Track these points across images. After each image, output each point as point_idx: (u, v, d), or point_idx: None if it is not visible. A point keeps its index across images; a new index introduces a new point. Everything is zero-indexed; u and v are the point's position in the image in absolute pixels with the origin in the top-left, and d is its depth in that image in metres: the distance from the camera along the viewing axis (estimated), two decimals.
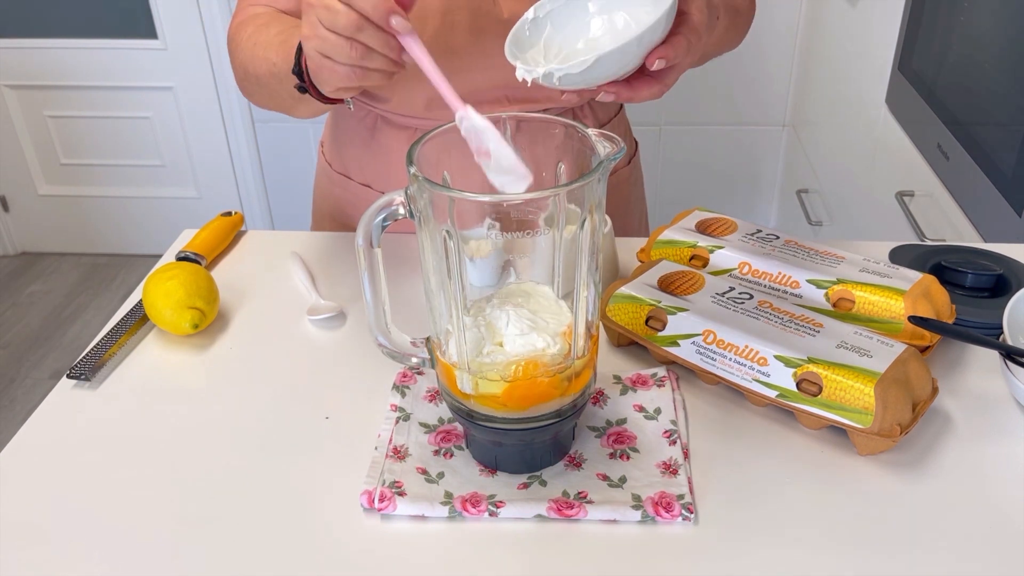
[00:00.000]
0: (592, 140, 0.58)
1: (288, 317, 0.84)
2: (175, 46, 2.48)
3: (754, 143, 2.45)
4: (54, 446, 0.69)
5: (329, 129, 1.08)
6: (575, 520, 0.61)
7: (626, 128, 1.11)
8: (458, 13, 0.88)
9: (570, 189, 0.54)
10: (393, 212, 0.58)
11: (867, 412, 0.63)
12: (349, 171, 1.04)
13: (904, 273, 0.77)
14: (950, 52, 1.28)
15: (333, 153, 1.07)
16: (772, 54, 2.29)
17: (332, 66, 0.66)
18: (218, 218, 0.97)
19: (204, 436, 0.70)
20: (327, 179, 1.08)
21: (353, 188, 1.03)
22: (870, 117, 1.63)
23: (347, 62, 0.65)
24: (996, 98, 1.13)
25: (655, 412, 0.70)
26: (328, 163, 1.08)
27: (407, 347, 0.65)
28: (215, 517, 0.62)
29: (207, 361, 0.79)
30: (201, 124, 2.60)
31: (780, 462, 0.66)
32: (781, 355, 0.67)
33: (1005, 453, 0.66)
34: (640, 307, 0.75)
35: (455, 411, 0.63)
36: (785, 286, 0.78)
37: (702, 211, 0.88)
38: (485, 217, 0.56)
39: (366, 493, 0.62)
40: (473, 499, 0.62)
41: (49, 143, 2.68)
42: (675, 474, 0.64)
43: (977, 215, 1.17)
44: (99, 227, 2.82)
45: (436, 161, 0.60)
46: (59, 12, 2.48)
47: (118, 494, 0.65)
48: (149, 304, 0.80)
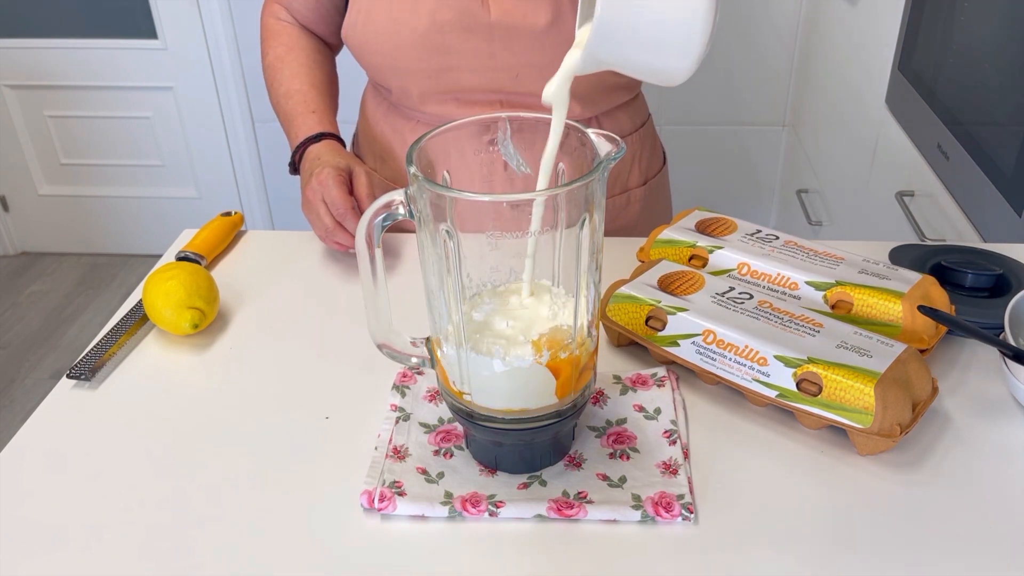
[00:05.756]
0: (592, 140, 0.58)
1: (288, 317, 0.85)
2: (175, 46, 2.48)
3: (754, 143, 2.45)
4: (54, 446, 0.69)
5: (359, 126, 1.12)
6: (575, 520, 0.61)
7: (654, 138, 1.12)
8: (447, 13, 0.89)
9: (570, 189, 0.54)
10: (393, 212, 0.58)
11: (867, 412, 0.63)
12: (376, 166, 1.08)
13: (903, 275, 0.77)
14: (950, 52, 1.28)
15: (365, 148, 1.10)
16: (772, 54, 2.29)
17: (313, 224, 0.92)
18: (218, 218, 0.97)
19: (204, 436, 0.70)
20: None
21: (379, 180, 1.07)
22: (870, 117, 1.63)
23: (322, 234, 0.91)
24: (996, 98, 1.13)
25: (655, 412, 0.70)
26: (360, 157, 1.11)
27: (407, 347, 0.65)
28: (215, 517, 0.62)
29: (207, 361, 0.79)
30: (201, 124, 2.60)
31: (780, 462, 0.66)
32: (781, 355, 0.67)
33: (1005, 453, 0.66)
34: (640, 307, 0.75)
35: (455, 411, 0.63)
36: (784, 287, 0.78)
37: (702, 211, 0.88)
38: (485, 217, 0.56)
39: (366, 493, 0.62)
40: (473, 499, 0.62)
41: (49, 143, 2.68)
42: (675, 474, 0.64)
43: (977, 215, 1.17)
44: (99, 227, 2.82)
45: (436, 161, 0.60)
46: (59, 12, 2.48)
47: (118, 494, 0.65)
48: (149, 304, 0.80)
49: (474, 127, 0.61)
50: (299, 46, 1.04)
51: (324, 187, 0.88)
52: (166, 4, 2.42)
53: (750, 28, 2.26)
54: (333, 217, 0.88)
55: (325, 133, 0.98)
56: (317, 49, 1.06)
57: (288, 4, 1.06)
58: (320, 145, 0.96)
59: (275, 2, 1.07)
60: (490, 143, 0.62)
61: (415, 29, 0.91)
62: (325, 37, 1.08)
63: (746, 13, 2.24)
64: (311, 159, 0.94)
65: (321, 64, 1.05)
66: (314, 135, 0.97)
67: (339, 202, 0.87)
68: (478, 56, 0.92)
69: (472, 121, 0.61)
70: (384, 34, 0.93)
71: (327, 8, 1.04)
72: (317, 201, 0.89)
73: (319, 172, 0.90)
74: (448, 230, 0.55)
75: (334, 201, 0.87)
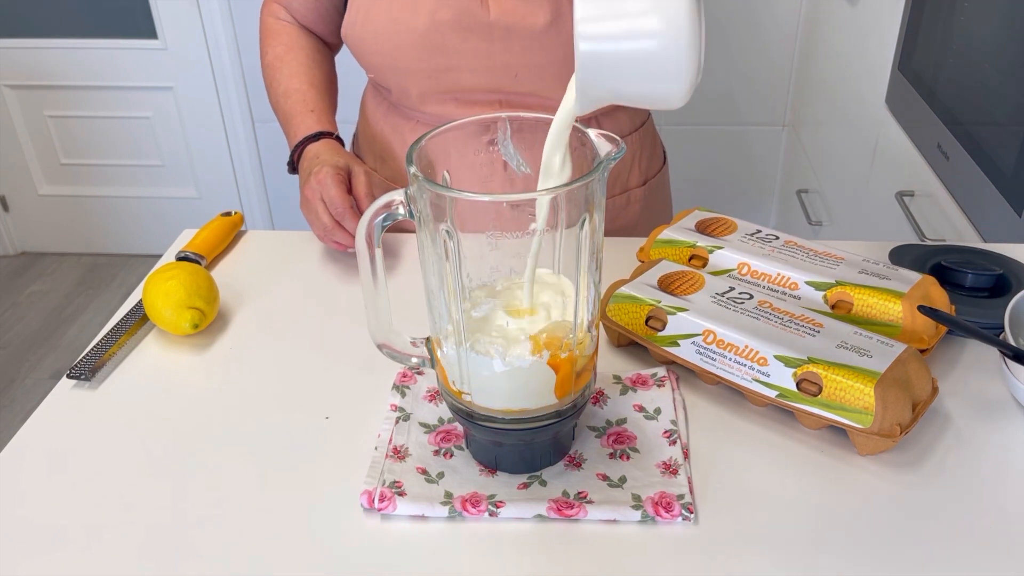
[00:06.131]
0: (592, 140, 0.58)
1: (288, 317, 0.85)
2: (175, 46, 2.48)
3: (754, 143, 2.45)
4: (54, 446, 0.69)
5: (359, 126, 1.12)
6: (575, 520, 0.61)
7: (654, 138, 1.12)
8: (446, 12, 0.89)
9: (570, 189, 0.54)
10: (393, 212, 0.58)
11: (867, 412, 0.63)
12: (376, 166, 1.08)
13: (903, 275, 0.77)
14: (950, 52, 1.28)
15: (365, 147, 1.10)
16: (772, 54, 2.29)
17: (311, 223, 0.92)
18: (218, 218, 0.97)
19: (204, 436, 0.70)
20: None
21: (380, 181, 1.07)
22: (870, 117, 1.63)
23: (320, 233, 0.91)
24: (996, 98, 1.13)
25: (655, 412, 0.70)
26: (360, 157, 1.11)
27: (407, 347, 0.65)
28: (215, 517, 0.62)
29: (207, 361, 0.79)
30: (201, 124, 2.60)
31: (780, 462, 0.66)
32: (781, 355, 0.67)
33: (1005, 453, 0.66)
34: (640, 307, 0.75)
35: (455, 411, 0.63)
36: (784, 287, 0.78)
37: (702, 211, 0.88)
38: (485, 217, 0.56)
39: (366, 493, 0.62)
40: (473, 499, 0.62)
41: (49, 143, 2.68)
42: (675, 474, 0.64)
43: (977, 215, 1.17)
44: (99, 227, 2.82)
45: (436, 161, 0.60)
46: (59, 12, 2.48)
47: (118, 494, 0.65)
48: (149, 304, 0.80)
49: (474, 127, 0.61)
50: (298, 45, 1.04)
51: (323, 186, 0.88)
52: (166, 4, 2.41)
53: (750, 28, 2.26)
54: (332, 216, 0.88)
55: (324, 132, 0.98)
56: (316, 48, 1.06)
57: (287, 4, 1.06)
58: (319, 144, 0.96)
59: (274, 1, 1.07)
60: (490, 143, 0.62)
61: (414, 28, 0.91)
62: (324, 37, 1.08)
63: (746, 13, 2.24)
64: (310, 158, 0.94)
65: (320, 63, 1.05)
66: (313, 134, 0.97)
67: (338, 201, 0.87)
68: (477, 56, 0.92)
69: (472, 121, 0.61)
70: (383, 33, 0.93)
71: (326, 7, 1.04)
72: (316, 200, 0.89)
73: (318, 171, 0.90)
74: (448, 230, 0.55)
75: (333, 200, 0.87)
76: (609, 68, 0.53)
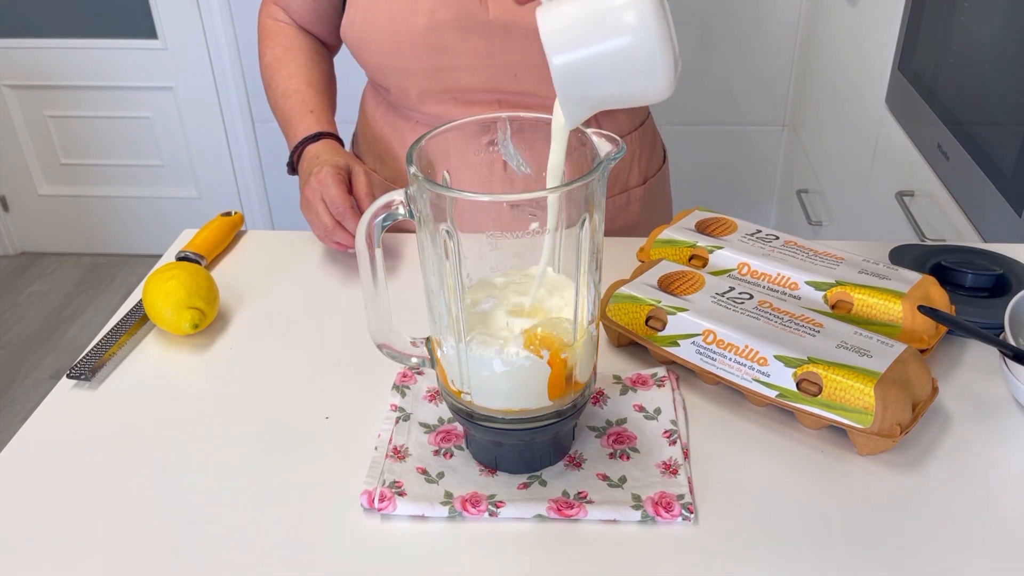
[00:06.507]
0: (592, 140, 0.58)
1: (288, 317, 0.84)
2: (175, 46, 2.48)
3: (754, 143, 2.45)
4: (54, 446, 0.69)
5: (359, 126, 1.12)
6: (575, 520, 0.61)
7: (654, 137, 1.12)
8: (445, 11, 0.90)
9: (570, 189, 0.54)
10: (393, 212, 0.58)
11: (867, 412, 0.63)
12: (376, 167, 1.08)
13: (903, 275, 0.77)
14: (950, 52, 1.28)
15: (364, 148, 1.10)
16: (772, 54, 2.29)
17: (312, 223, 0.92)
18: (218, 218, 0.97)
19: (204, 436, 0.70)
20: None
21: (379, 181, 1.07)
22: (870, 117, 1.63)
23: (320, 234, 0.91)
24: (996, 98, 1.13)
25: (655, 412, 0.70)
26: (359, 157, 1.11)
27: (407, 347, 0.65)
28: (215, 517, 0.62)
29: (207, 361, 0.79)
30: (201, 124, 2.60)
31: (780, 462, 0.66)
32: (781, 355, 0.67)
33: (1005, 453, 0.66)
34: (640, 307, 0.75)
35: (455, 411, 0.63)
36: (784, 287, 0.78)
37: (702, 211, 0.88)
38: (485, 217, 0.56)
39: (366, 493, 0.62)
40: (473, 499, 0.62)
41: (49, 143, 2.68)
42: (675, 474, 0.64)
43: (977, 215, 1.17)
44: (99, 227, 2.82)
45: (436, 161, 0.60)
46: (59, 12, 2.48)
47: (118, 494, 0.65)
48: (149, 304, 0.80)
49: (474, 127, 0.61)
50: (296, 46, 1.04)
51: (323, 186, 0.88)
52: (166, 4, 2.41)
53: (750, 28, 2.26)
54: (332, 216, 0.88)
55: (323, 133, 0.98)
56: (315, 49, 1.06)
57: (285, 4, 1.06)
58: (318, 144, 0.96)
59: (272, 3, 1.07)
60: (490, 143, 0.62)
61: (413, 28, 0.91)
62: (323, 37, 1.08)
63: (746, 13, 2.24)
64: (309, 158, 0.94)
65: (319, 64, 1.05)
66: (312, 135, 0.97)
67: (338, 201, 0.87)
68: (476, 55, 0.92)
69: (472, 121, 0.61)
70: (382, 33, 0.93)
71: (324, 8, 1.04)
72: (316, 200, 0.89)
73: (318, 171, 0.90)
74: (448, 230, 0.55)
75: (333, 200, 0.87)
76: (587, 75, 0.53)
